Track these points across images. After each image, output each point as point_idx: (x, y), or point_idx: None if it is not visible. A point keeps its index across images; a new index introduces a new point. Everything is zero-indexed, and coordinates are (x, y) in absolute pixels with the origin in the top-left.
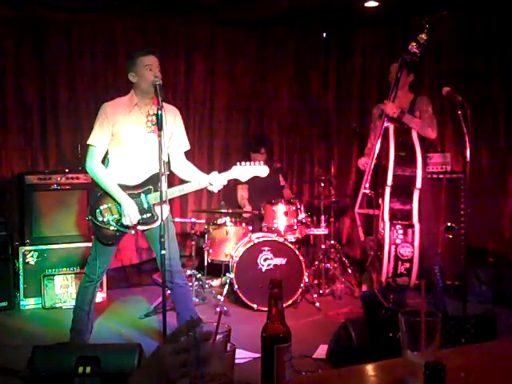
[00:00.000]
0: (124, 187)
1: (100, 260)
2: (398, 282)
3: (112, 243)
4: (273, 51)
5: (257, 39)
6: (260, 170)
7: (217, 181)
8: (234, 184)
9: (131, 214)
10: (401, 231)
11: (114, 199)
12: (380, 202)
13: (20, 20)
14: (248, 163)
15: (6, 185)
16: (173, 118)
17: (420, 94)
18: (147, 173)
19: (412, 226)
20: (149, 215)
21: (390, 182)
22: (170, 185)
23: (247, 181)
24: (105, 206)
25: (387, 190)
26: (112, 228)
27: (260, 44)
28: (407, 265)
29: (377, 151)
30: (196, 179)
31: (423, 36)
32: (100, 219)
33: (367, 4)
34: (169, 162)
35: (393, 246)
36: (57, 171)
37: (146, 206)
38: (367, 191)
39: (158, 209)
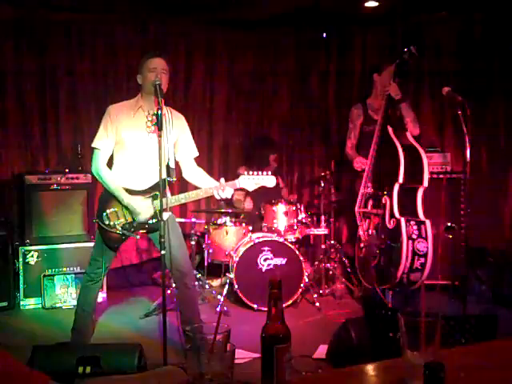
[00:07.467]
0: (130, 192)
1: (102, 260)
2: (411, 279)
3: (117, 247)
4: (273, 51)
5: (256, 39)
6: (267, 180)
7: (223, 191)
8: None
9: (142, 211)
10: (415, 227)
11: (120, 202)
12: (384, 200)
13: (20, 20)
14: (256, 173)
15: (6, 185)
16: (178, 123)
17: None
18: (153, 178)
19: (423, 222)
20: (155, 221)
21: (401, 179)
22: (169, 192)
23: None
24: (111, 209)
25: (396, 188)
26: (118, 232)
27: (260, 44)
28: (422, 260)
29: (376, 149)
30: (203, 187)
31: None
32: (106, 222)
33: (367, 4)
34: (177, 168)
35: (410, 241)
36: (57, 171)
37: (152, 211)
38: (368, 190)
39: (164, 215)
